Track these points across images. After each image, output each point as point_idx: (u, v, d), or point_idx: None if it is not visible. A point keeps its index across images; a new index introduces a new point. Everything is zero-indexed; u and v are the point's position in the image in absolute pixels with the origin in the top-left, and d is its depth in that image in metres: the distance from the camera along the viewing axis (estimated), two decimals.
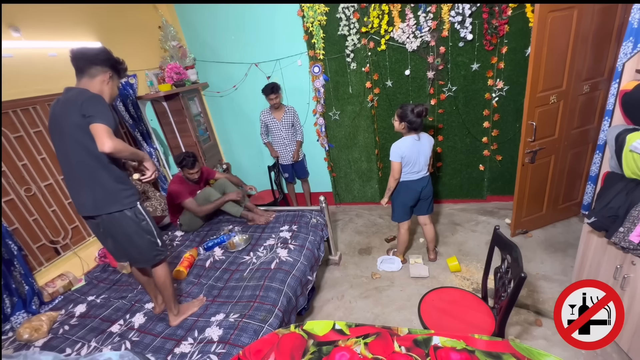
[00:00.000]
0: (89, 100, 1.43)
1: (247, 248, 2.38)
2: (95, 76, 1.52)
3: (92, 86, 1.51)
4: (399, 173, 2.25)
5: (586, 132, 2.54)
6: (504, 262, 1.51)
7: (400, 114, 2.16)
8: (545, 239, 2.67)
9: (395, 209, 2.46)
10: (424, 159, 2.24)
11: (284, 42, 3.20)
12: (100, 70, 1.52)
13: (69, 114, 1.43)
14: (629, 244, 1.44)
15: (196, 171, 2.63)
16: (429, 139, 2.27)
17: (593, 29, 2.19)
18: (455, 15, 2.64)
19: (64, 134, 1.47)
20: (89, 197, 1.53)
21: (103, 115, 1.41)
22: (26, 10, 2.15)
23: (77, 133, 1.43)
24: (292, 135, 3.36)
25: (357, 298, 2.42)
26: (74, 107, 1.42)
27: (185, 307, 1.86)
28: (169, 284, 1.74)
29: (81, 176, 1.51)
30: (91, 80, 1.51)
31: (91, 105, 1.41)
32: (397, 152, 2.19)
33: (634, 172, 1.41)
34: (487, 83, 2.85)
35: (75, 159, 1.49)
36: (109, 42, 2.70)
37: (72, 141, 1.46)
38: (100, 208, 1.53)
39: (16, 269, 2.00)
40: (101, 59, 1.52)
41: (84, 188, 1.53)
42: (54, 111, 1.49)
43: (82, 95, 1.44)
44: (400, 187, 2.34)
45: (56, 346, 1.74)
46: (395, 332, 1.18)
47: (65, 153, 1.50)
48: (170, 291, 1.75)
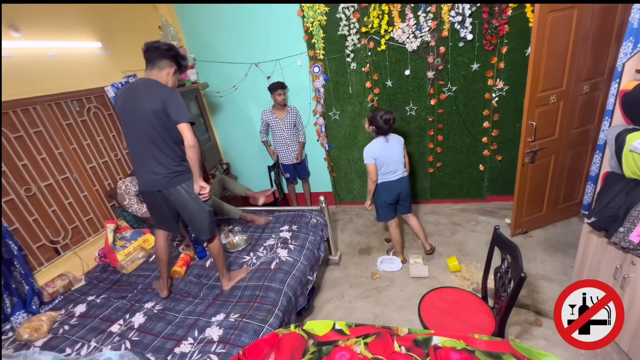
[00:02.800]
0: (171, 97, 1.67)
1: (247, 248, 2.38)
2: (163, 68, 1.75)
3: (160, 77, 1.75)
4: (375, 175, 2.34)
5: (586, 132, 2.54)
6: (504, 262, 1.51)
7: (370, 118, 2.29)
8: (545, 239, 2.67)
9: (379, 210, 2.54)
10: (397, 157, 2.34)
11: (284, 42, 3.20)
12: (167, 64, 1.75)
13: (150, 102, 1.66)
14: (629, 244, 1.44)
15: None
16: (399, 139, 2.37)
17: (593, 29, 2.19)
18: (455, 15, 2.64)
19: (139, 117, 1.68)
20: (155, 176, 1.76)
21: (186, 113, 1.68)
22: (26, 10, 2.15)
23: (153, 118, 1.67)
24: (293, 135, 3.36)
25: (357, 298, 2.42)
26: (155, 97, 1.66)
27: (235, 274, 2.08)
28: (222, 254, 2.00)
29: (151, 156, 1.74)
30: (160, 72, 1.75)
31: (174, 104, 1.66)
32: (370, 154, 2.29)
33: (634, 172, 1.41)
34: (487, 83, 2.85)
35: (147, 140, 1.71)
36: (109, 42, 2.70)
37: (147, 124, 1.68)
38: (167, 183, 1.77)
39: (16, 269, 2.00)
40: (170, 54, 1.75)
41: (150, 166, 1.75)
42: (132, 96, 1.70)
43: (162, 89, 1.69)
44: (380, 188, 2.43)
45: (56, 346, 1.74)
46: (395, 332, 1.18)
47: (136, 133, 1.73)
48: (223, 259, 2.00)
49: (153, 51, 1.72)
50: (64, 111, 2.40)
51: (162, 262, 2.03)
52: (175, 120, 1.66)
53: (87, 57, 2.58)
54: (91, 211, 2.55)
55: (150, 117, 1.67)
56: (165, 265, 2.04)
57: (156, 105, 1.65)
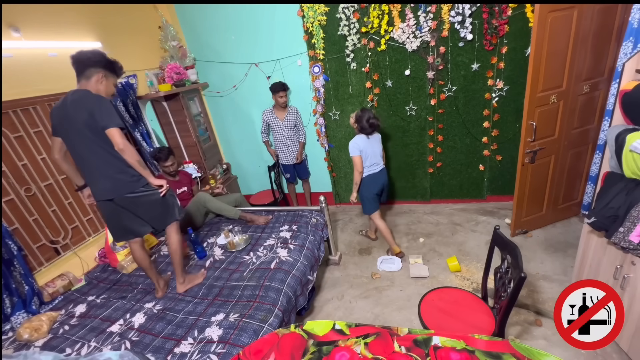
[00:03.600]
0: (98, 104, 1.64)
1: (247, 248, 2.38)
2: (91, 77, 1.71)
3: (89, 86, 1.71)
4: (361, 166, 2.50)
5: (586, 132, 2.54)
6: (504, 262, 1.51)
7: (358, 117, 2.44)
8: (545, 239, 2.67)
9: (365, 203, 2.68)
10: (378, 151, 2.56)
11: (284, 42, 3.20)
12: (94, 72, 1.71)
13: (78, 114, 1.64)
14: (629, 244, 1.44)
15: (170, 164, 2.77)
16: (377, 135, 2.57)
17: (593, 29, 2.19)
18: (455, 15, 2.64)
19: (75, 131, 1.68)
20: (106, 183, 1.76)
21: (114, 118, 1.66)
22: (26, 10, 2.15)
23: (86, 130, 1.66)
24: (294, 135, 3.36)
25: (357, 298, 2.42)
26: (82, 108, 1.64)
27: (192, 277, 2.09)
28: (179, 251, 2.00)
29: (96, 166, 1.74)
30: (88, 81, 1.71)
31: (100, 110, 1.63)
32: (356, 147, 2.45)
33: (634, 172, 1.41)
34: (487, 83, 2.85)
35: (88, 152, 1.71)
36: (109, 42, 2.70)
37: (83, 137, 1.67)
38: (118, 191, 1.77)
39: (16, 269, 2.00)
40: (94, 61, 1.71)
41: (99, 176, 1.75)
42: (64, 112, 1.67)
43: (88, 98, 1.65)
44: (366, 181, 2.59)
45: (56, 346, 1.74)
46: (395, 332, 1.18)
47: (76, 147, 1.73)
48: (180, 257, 2.00)
49: (77, 62, 1.69)
50: None
51: (147, 269, 2.03)
52: (102, 126, 1.64)
53: None
54: (91, 211, 2.55)
55: (82, 130, 1.66)
56: (151, 271, 2.03)
57: (84, 115, 1.63)
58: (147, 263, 2.01)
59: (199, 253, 2.40)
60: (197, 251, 2.40)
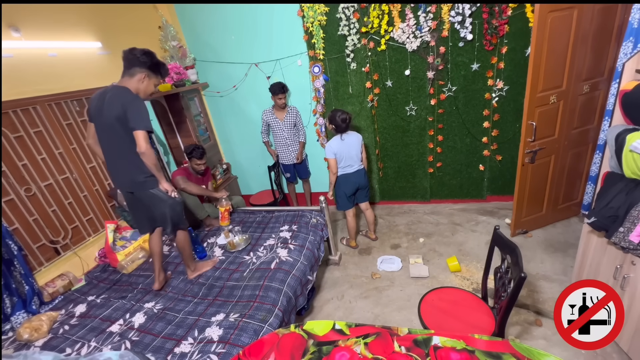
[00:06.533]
0: (131, 104, 1.72)
1: (247, 248, 2.38)
2: (134, 75, 1.80)
3: (131, 84, 1.79)
4: (335, 168, 2.61)
5: (586, 132, 2.54)
6: (504, 262, 1.51)
7: (330, 117, 2.55)
8: (545, 239, 2.67)
9: (338, 200, 2.80)
10: (354, 153, 2.60)
11: (284, 42, 3.20)
12: (138, 71, 1.80)
13: (113, 109, 1.72)
14: (629, 244, 1.44)
15: (203, 162, 2.78)
16: (357, 136, 2.62)
17: (593, 29, 2.19)
18: (455, 15, 2.63)
19: (106, 124, 1.76)
20: (125, 177, 1.87)
21: (145, 121, 1.74)
22: (26, 10, 2.15)
23: (117, 125, 1.74)
24: (294, 135, 3.36)
25: (357, 298, 2.42)
26: (118, 104, 1.71)
27: (201, 265, 2.20)
28: (188, 246, 2.11)
29: (118, 159, 1.85)
30: (131, 78, 1.80)
31: (133, 111, 1.71)
32: (330, 150, 2.56)
33: (634, 172, 1.41)
34: (487, 83, 2.85)
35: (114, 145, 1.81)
36: (109, 42, 2.70)
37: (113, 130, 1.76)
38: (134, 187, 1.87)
39: (16, 269, 2.00)
40: (141, 61, 1.79)
41: (120, 169, 1.87)
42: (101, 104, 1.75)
43: (126, 97, 1.73)
44: (340, 180, 2.69)
45: (56, 346, 1.74)
46: (395, 332, 1.18)
47: (105, 137, 1.82)
48: (189, 249, 2.12)
49: (126, 59, 1.78)
50: (64, 111, 2.40)
51: (156, 256, 2.09)
52: (131, 127, 1.72)
53: (87, 57, 2.58)
54: (91, 211, 2.55)
55: (114, 124, 1.73)
56: (159, 259, 2.09)
57: (118, 111, 1.71)
58: (158, 250, 2.09)
59: (199, 253, 2.40)
60: (197, 251, 2.40)
